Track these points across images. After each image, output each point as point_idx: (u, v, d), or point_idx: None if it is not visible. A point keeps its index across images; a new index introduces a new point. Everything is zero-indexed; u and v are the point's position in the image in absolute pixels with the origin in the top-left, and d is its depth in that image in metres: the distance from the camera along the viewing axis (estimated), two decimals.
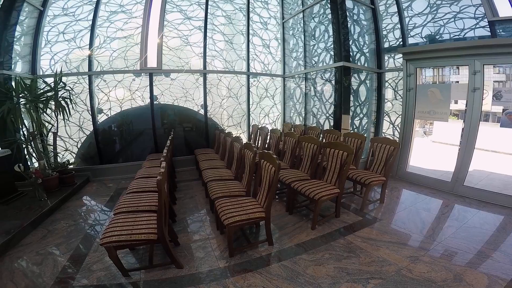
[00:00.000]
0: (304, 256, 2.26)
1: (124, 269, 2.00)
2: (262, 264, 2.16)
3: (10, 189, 3.73)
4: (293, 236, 2.60)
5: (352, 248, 2.37)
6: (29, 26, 4.46)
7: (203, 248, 2.41)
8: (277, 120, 6.29)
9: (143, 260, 2.26)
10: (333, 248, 2.38)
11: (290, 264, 2.14)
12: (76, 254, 2.35)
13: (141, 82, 5.02)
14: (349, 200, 3.55)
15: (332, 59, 4.63)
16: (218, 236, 2.62)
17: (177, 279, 2.00)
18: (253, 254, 2.30)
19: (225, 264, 2.17)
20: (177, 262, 2.09)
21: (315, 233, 2.65)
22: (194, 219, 3.10)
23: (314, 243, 2.47)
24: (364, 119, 4.75)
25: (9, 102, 3.59)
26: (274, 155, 2.37)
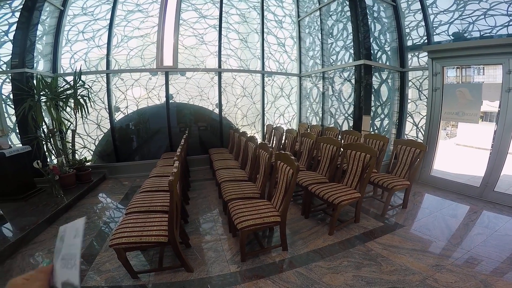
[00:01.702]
0: (320, 263, 2.15)
1: (133, 271, 1.97)
2: (275, 270, 2.07)
3: (29, 185, 3.82)
4: (309, 241, 2.49)
5: (373, 255, 2.24)
6: (51, 25, 4.56)
7: (214, 251, 2.35)
8: (292, 120, 6.16)
9: (153, 262, 2.23)
10: (352, 255, 2.25)
11: (305, 272, 2.04)
12: (87, 253, 2.35)
13: (157, 81, 5.03)
14: (369, 204, 3.39)
15: (351, 57, 4.48)
16: (230, 239, 2.55)
17: (186, 283, 1.94)
18: (266, 259, 2.21)
19: (236, 269, 2.09)
20: (187, 266, 2.04)
21: (332, 238, 2.53)
22: (206, 220, 3.05)
23: (332, 249, 2.35)
24: (385, 120, 4.55)
25: (31, 99, 3.67)
26: (292, 156, 2.27)
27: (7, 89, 3.98)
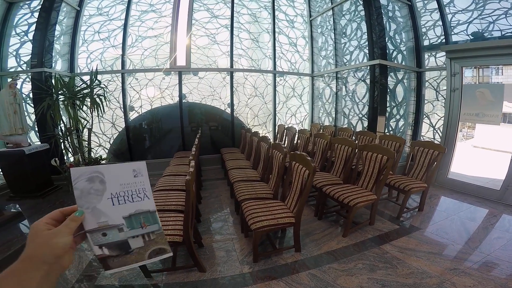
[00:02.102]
0: (334, 265, 2.11)
1: (147, 270, 1.98)
2: (287, 271, 2.05)
3: (47, 183, 3.92)
4: (323, 243, 2.46)
5: (388, 258, 2.19)
6: (68, 25, 4.65)
7: (226, 251, 2.34)
8: (304, 120, 6.12)
9: (166, 261, 2.22)
10: (367, 257, 2.21)
11: (319, 273, 2.01)
12: None
13: (171, 81, 5.08)
14: (384, 206, 3.32)
15: (366, 57, 4.42)
16: (242, 239, 2.54)
17: (198, 283, 1.94)
18: (278, 260, 2.19)
19: (248, 269, 2.08)
20: (201, 266, 2.04)
21: (346, 240, 2.49)
22: (218, 220, 3.05)
23: (346, 251, 2.31)
24: (401, 121, 4.48)
25: (49, 98, 3.76)
26: (308, 157, 2.24)
27: (27, 88, 4.09)
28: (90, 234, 0.50)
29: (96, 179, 0.52)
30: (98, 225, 0.51)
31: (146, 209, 0.54)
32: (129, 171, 0.55)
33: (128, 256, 0.52)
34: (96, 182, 0.52)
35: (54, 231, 0.45)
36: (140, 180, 0.55)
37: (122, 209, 0.53)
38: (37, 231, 0.44)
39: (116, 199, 0.53)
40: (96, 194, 0.52)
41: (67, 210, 0.50)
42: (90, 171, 0.52)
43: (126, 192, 0.54)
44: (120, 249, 0.52)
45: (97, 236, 0.51)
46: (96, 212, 0.51)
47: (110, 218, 0.52)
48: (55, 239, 0.44)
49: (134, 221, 0.53)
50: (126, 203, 0.53)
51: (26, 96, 4.12)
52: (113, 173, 0.53)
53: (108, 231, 0.51)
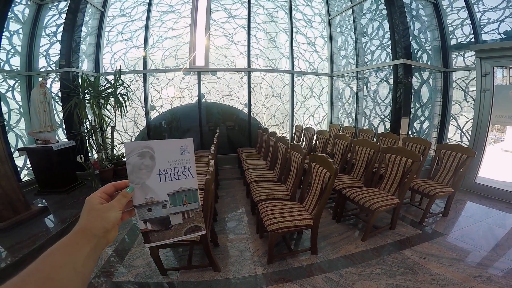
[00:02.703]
0: (352, 269, 2.06)
1: (163, 268, 2.00)
2: (302, 274, 2.02)
3: (72, 178, 4.05)
4: (340, 246, 2.40)
5: (409, 263, 2.12)
6: (93, 26, 4.80)
7: (241, 252, 2.33)
8: (323, 121, 6.03)
9: (182, 260, 2.25)
10: (386, 262, 2.14)
11: (336, 277, 1.96)
12: (120, 247, 2.43)
13: (190, 81, 5.15)
14: (405, 211, 3.22)
15: (388, 56, 4.30)
16: (257, 240, 2.52)
17: (212, 282, 1.95)
18: (293, 262, 2.16)
19: (262, 270, 2.07)
20: (216, 265, 2.04)
21: (365, 245, 2.42)
22: (234, 220, 3.05)
23: (364, 255, 2.25)
24: (426, 122, 4.32)
25: (76, 97, 3.90)
26: (330, 158, 2.19)
27: (56, 87, 4.26)
28: (137, 209, 0.52)
29: (147, 155, 0.53)
30: (146, 201, 0.53)
31: (189, 187, 0.56)
32: (177, 148, 0.55)
33: (167, 232, 0.54)
34: (146, 157, 0.53)
35: (107, 206, 0.47)
36: (187, 158, 0.56)
37: (168, 186, 0.54)
38: (92, 205, 0.46)
39: (164, 176, 0.54)
40: (146, 170, 0.53)
41: (119, 184, 0.52)
42: (142, 146, 0.53)
43: (172, 169, 0.54)
44: (161, 225, 0.54)
45: (143, 211, 0.53)
46: (145, 188, 0.53)
47: (157, 194, 0.53)
48: (107, 213, 0.46)
49: (177, 198, 0.55)
50: (172, 180, 0.54)
51: (55, 95, 4.29)
52: (162, 149, 0.54)
53: (153, 207, 0.53)
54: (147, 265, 2.15)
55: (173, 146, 0.55)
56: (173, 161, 0.54)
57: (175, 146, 0.55)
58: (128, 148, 0.52)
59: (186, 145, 0.56)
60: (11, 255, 2.29)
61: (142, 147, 0.53)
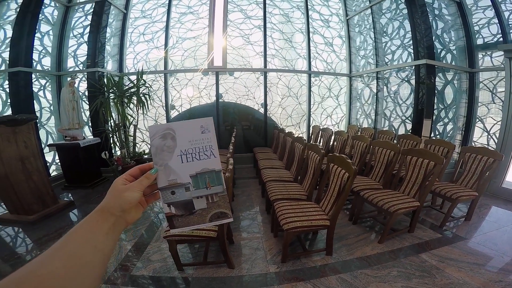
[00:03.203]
0: (367, 271, 2.03)
1: (180, 263, 2.04)
2: (316, 274, 2.00)
3: (96, 174, 4.23)
4: (356, 248, 2.37)
5: (426, 267, 2.07)
6: (116, 28, 4.99)
7: (255, 250, 2.34)
8: (341, 122, 5.97)
9: (198, 256, 2.28)
10: (403, 265, 2.10)
11: (350, 278, 1.94)
12: (139, 242, 2.49)
13: (208, 81, 5.24)
14: (425, 214, 3.12)
15: (410, 56, 4.21)
16: (271, 239, 2.53)
17: (226, 279, 1.97)
18: (307, 262, 2.15)
19: (275, 269, 2.07)
20: (230, 262, 2.07)
21: (382, 247, 2.37)
22: (248, 218, 3.06)
23: (380, 258, 2.21)
24: (450, 124, 4.19)
25: (101, 96, 4.06)
26: (349, 159, 2.17)
27: (83, 86, 4.46)
28: (161, 192, 0.52)
29: (168, 136, 0.53)
30: (168, 183, 0.52)
31: (212, 168, 0.54)
32: (197, 127, 0.54)
33: (191, 217, 0.54)
34: (168, 139, 0.53)
35: (127, 186, 0.48)
36: (207, 137, 0.54)
37: (190, 167, 0.53)
38: (115, 185, 0.48)
39: (185, 156, 0.53)
40: (168, 151, 0.53)
41: (144, 166, 0.52)
42: (164, 128, 0.53)
43: (194, 149, 0.53)
44: (185, 209, 0.53)
45: (167, 194, 0.53)
46: (167, 169, 0.52)
47: (179, 176, 0.53)
48: (126, 193, 0.46)
49: (199, 180, 0.54)
50: (194, 160, 0.53)
51: (82, 94, 4.49)
52: (182, 130, 0.54)
53: (176, 190, 0.53)
54: (163, 260, 2.20)
55: (193, 126, 0.54)
56: (193, 140, 0.54)
57: (195, 126, 0.54)
58: (152, 131, 0.53)
59: (207, 123, 0.55)
60: (38, 247, 2.42)
61: (164, 129, 0.53)
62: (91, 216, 0.44)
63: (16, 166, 2.80)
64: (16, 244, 2.57)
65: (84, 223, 0.43)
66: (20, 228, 2.79)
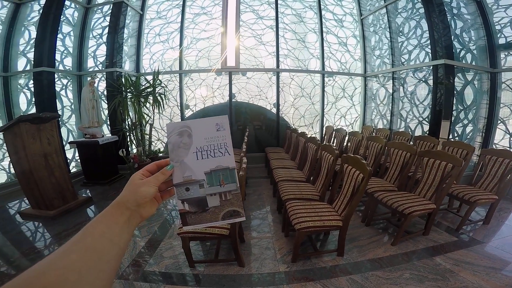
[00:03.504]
0: (378, 272, 2.01)
1: (192, 260, 2.07)
2: (326, 275, 1.99)
3: (114, 171, 4.34)
4: (368, 250, 2.34)
5: (440, 270, 2.02)
6: (133, 28, 5.11)
7: (265, 249, 2.35)
8: (355, 122, 5.90)
9: (209, 253, 2.31)
10: (416, 268, 2.06)
11: (360, 280, 1.92)
12: (153, 238, 2.53)
13: (222, 81, 5.30)
14: (441, 217, 3.05)
15: (428, 56, 4.12)
16: (282, 238, 2.53)
17: (236, 277, 1.99)
18: (318, 262, 2.14)
19: (285, 268, 2.07)
20: (241, 260, 2.08)
21: (395, 249, 2.34)
22: (259, 217, 3.07)
23: (393, 260, 2.18)
24: (469, 126, 4.08)
25: (120, 96, 4.17)
26: (363, 160, 2.14)
27: (102, 86, 4.60)
28: (176, 188, 0.53)
29: (185, 133, 0.54)
30: (183, 179, 0.53)
31: (226, 166, 0.54)
32: (212, 125, 0.55)
33: (204, 215, 0.54)
34: (185, 136, 0.54)
35: (143, 181, 0.48)
36: (222, 135, 0.55)
37: (205, 164, 0.54)
38: (132, 180, 0.49)
39: (200, 153, 0.54)
40: (184, 148, 0.54)
41: (161, 162, 0.53)
42: (181, 126, 0.55)
43: (209, 146, 0.54)
44: (198, 206, 0.54)
45: (181, 191, 0.53)
46: (183, 166, 0.54)
47: (194, 172, 0.54)
48: (141, 188, 0.47)
49: (213, 178, 0.54)
50: (208, 157, 0.54)
51: (101, 93, 4.63)
52: (199, 127, 0.55)
53: (191, 186, 0.53)
54: (175, 257, 2.24)
55: (209, 123, 0.55)
56: (209, 138, 0.55)
57: (211, 123, 0.55)
58: (169, 128, 0.54)
59: (222, 121, 0.56)
60: (57, 242, 2.50)
61: (181, 126, 0.55)
62: (107, 210, 0.45)
63: (40, 162, 2.91)
64: (35, 238, 2.65)
65: (100, 217, 0.44)
66: (41, 223, 2.89)
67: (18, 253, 2.31)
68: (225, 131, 0.55)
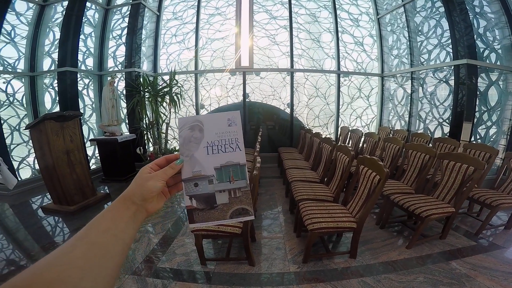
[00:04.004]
0: (391, 275, 1.97)
1: (204, 257, 2.09)
2: (337, 276, 1.97)
3: (131, 168, 4.46)
4: (381, 252, 2.30)
5: (456, 274, 1.96)
6: (151, 29, 5.24)
7: (276, 249, 2.35)
8: (371, 123, 5.78)
9: (221, 251, 2.33)
10: (431, 271, 2.01)
11: (372, 282, 1.89)
12: (166, 235, 2.57)
13: (236, 81, 5.34)
14: (460, 221, 2.96)
15: (449, 56, 4.00)
16: (294, 239, 2.52)
17: (246, 275, 1.99)
18: (329, 264, 2.12)
19: (296, 269, 2.07)
20: (251, 259, 2.09)
21: (410, 252, 2.28)
22: (271, 217, 3.07)
23: (407, 263, 2.13)
24: (493, 128, 3.92)
25: (138, 95, 4.28)
26: (380, 161, 2.10)
27: (120, 85, 4.74)
28: (185, 183, 0.52)
29: (196, 128, 0.54)
30: (193, 174, 0.52)
31: (237, 162, 0.53)
32: (224, 120, 0.54)
33: (212, 212, 0.52)
34: (196, 130, 0.53)
35: (151, 175, 0.47)
36: (234, 130, 0.54)
37: (215, 159, 0.53)
38: (140, 174, 0.47)
39: (211, 148, 0.53)
40: (195, 142, 0.53)
41: (171, 157, 0.52)
42: (193, 120, 0.54)
43: (220, 141, 0.53)
44: (206, 203, 0.52)
45: (190, 186, 0.52)
46: (193, 160, 0.52)
47: (203, 167, 0.52)
48: (148, 182, 0.46)
49: (223, 173, 0.53)
50: (219, 153, 0.53)
51: (120, 93, 4.77)
52: (210, 122, 0.54)
53: (200, 182, 0.52)
54: (187, 254, 2.28)
55: (221, 118, 0.55)
56: (220, 133, 0.54)
57: (223, 118, 0.55)
58: (181, 122, 0.54)
59: (234, 117, 0.55)
60: None
61: (193, 121, 0.54)
62: (113, 205, 0.44)
63: (62, 158, 3.02)
64: (55, 233, 2.74)
65: (106, 212, 0.43)
66: (60, 218, 2.99)
67: (37, 247, 2.39)
68: (236, 126, 0.55)
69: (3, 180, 3.28)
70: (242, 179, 0.53)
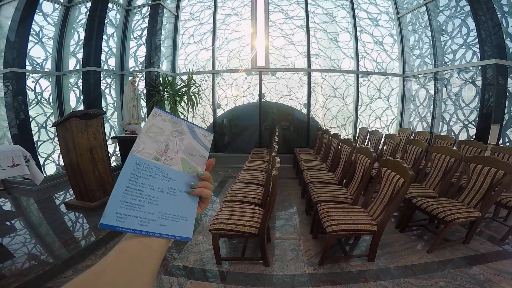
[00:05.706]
0: (411, 279, 1.90)
1: (220, 256, 2.09)
2: (354, 279, 1.92)
3: None
4: (401, 256, 2.23)
5: (479, 279, 1.88)
6: (169, 30, 5.34)
7: (291, 250, 2.32)
8: (391, 124, 5.64)
9: (236, 251, 2.32)
10: (452, 276, 1.93)
11: (391, 286, 1.83)
12: None
13: (252, 81, 5.35)
14: (485, 226, 2.83)
15: (476, 56, 3.84)
16: (310, 240, 2.48)
17: (261, 276, 1.98)
18: (346, 266, 2.08)
19: (312, 270, 2.03)
20: (267, 260, 2.07)
21: (430, 257, 2.20)
22: (287, 218, 3.04)
23: (428, 267, 2.06)
24: None
25: (157, 94, 4.37)
26: (405, 163, 2.03)
27: (141, 85, 4.86)
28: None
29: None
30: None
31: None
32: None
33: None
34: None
35: None
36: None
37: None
38: None
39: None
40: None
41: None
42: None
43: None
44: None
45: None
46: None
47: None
48: None
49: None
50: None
51: (141, 92, 4.89)
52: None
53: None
54: (202, 253, 2.29)
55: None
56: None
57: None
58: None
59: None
60: (96, 233, 2.60)
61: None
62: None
63: (86, 155, 3.10)
64: (75, 228, 2.79)
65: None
66: (82, 214, 3.04)
67: (59, 243, 2.42)
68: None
69: (31, 175, 3.44)
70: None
